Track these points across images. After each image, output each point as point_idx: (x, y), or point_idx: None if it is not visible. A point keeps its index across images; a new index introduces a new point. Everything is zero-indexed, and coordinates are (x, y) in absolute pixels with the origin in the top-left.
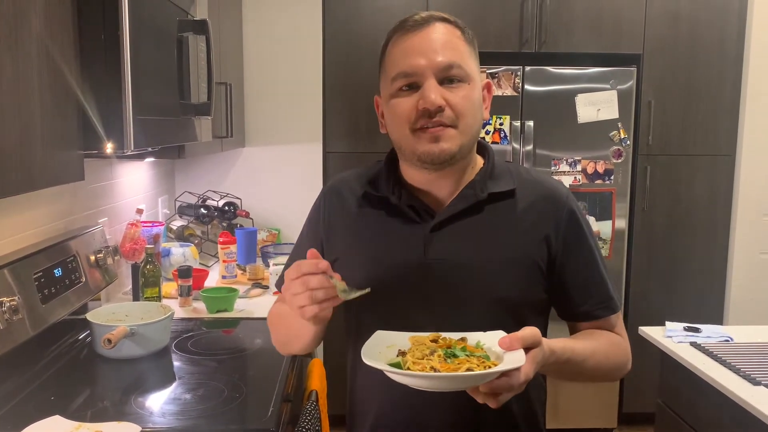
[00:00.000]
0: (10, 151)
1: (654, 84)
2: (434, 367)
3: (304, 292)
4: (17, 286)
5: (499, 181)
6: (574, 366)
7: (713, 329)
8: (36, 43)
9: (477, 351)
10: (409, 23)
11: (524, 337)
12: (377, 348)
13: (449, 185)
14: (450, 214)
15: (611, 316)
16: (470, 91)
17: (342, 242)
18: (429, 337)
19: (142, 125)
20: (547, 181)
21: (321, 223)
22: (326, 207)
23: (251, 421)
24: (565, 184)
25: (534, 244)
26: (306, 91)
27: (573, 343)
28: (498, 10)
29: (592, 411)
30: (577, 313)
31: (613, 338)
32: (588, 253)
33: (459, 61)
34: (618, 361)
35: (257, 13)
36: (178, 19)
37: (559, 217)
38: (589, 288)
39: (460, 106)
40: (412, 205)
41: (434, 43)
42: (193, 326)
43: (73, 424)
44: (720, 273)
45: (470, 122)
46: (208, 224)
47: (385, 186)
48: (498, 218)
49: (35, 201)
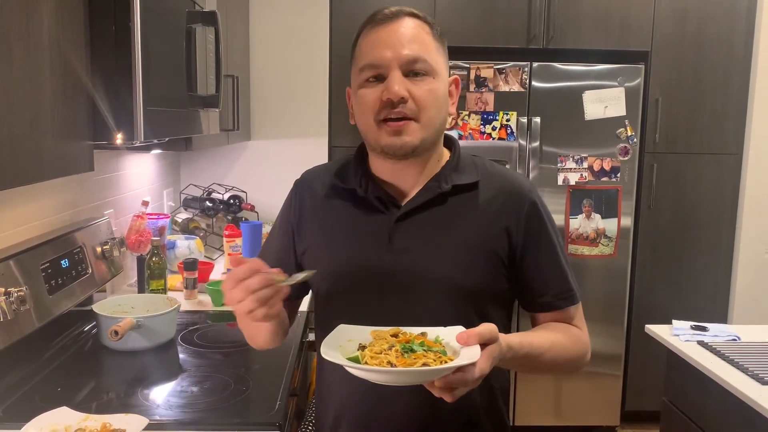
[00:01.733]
0: (20, 141)
1: (661, 81)
2: (391, 362)
3: (248, 296)
4: (24, 276)
5: (463, 174)
6: (532, 360)
7: (720, 328)
8: (47, 34)
9: (435, 346)
10: (379, 16)
11: (481, 333)
12: (338, 342)
13: (413, 176)
14: (415, 206)
15: (570, 307)
16: (435, 85)
17: (310, 233)
18: (389, 332)
19: (152, 117)
20: (511, 175)
21: (292, 214)
22: (297, 199)
23: (258, 415)
24: (571, 182)
25: (495, 235)
26: (312, 84)
27: (531, 337)
28: (506, 5)
29: (595, 409)
30: (537, 303)
31: (572, 331)
32: (548, 245)
33: (424, 55)
34: (576, 353)
35: (265, 5)
36: (187, 10)
37: (520, 209)
38: (549, 279)
39: (423, 99)
40: (378, 196)
41: (401, 36)
42: (198, 319)
43: (80, 416)
44: (725, 271)
45: (432, 115)
46: (213, 217)
47: (352, 178)
48: (461, 210)
49: (42, 192)
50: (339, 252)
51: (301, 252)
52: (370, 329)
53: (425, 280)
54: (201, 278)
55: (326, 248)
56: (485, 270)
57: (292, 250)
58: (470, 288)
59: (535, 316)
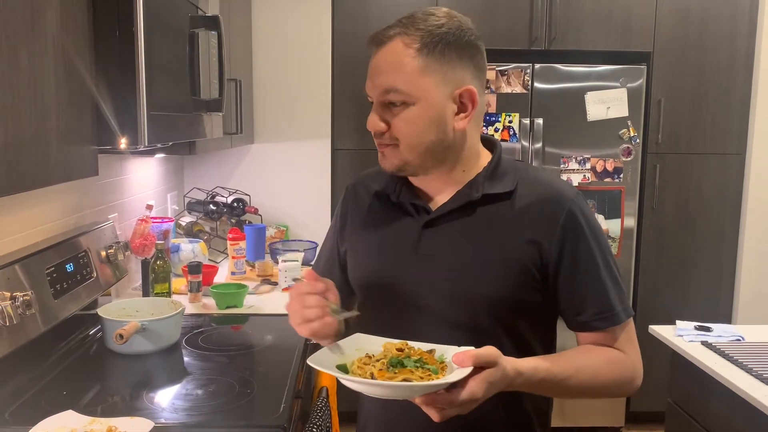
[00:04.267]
0: (25, 146)
1: (664, 82)
2: (373, 374)
3: (300, 310)
4: (29, 281)
5: (498, 182)
6: (552, 386)
7: (724, 328)
8: (51, 39)
9: (432, 364)
10: (370, 40)
11: (477, 355)
12: (348, 349)
13: (439, 185)
14: (443, 212)
15: (614, 328)
16: (415, 113)
17: (351, 235)
18: (396, 345)
19: (155, 121)
20: (553, 183)
21: (340, 216)
22: (345, 202)
23: (263, 418)
24: (574, 183)
25: (524, 246)
26: (315, 87)
27: (550, 361)
28: (507, 7)
29: (600, 409)
30: (575, 322)
31: (611, 355)
32: (587, 259)
33: (398, 84)
34: (614, 378)
35: (267, 9)
36: (190, 15)
37: (555, 219)
38: (586, 296)
39: (397, 129)
40: (410, 202)
41: (380, 65)
42: (202, 322)
43: (86, 419)
44: (729, 272)
45: (412, 142)
46: (217, 220)
47: (390, 183)
48: (490, 219)
49: (47, 196)
50: (371, 253)
51: (344, 252)
52: (384, 341)
53: (447, 287)
54: (205, 281)
55: (362, 249)
56: (511, 281)
57: (336, 250)
58: (495, 300)
59: (577, 335)
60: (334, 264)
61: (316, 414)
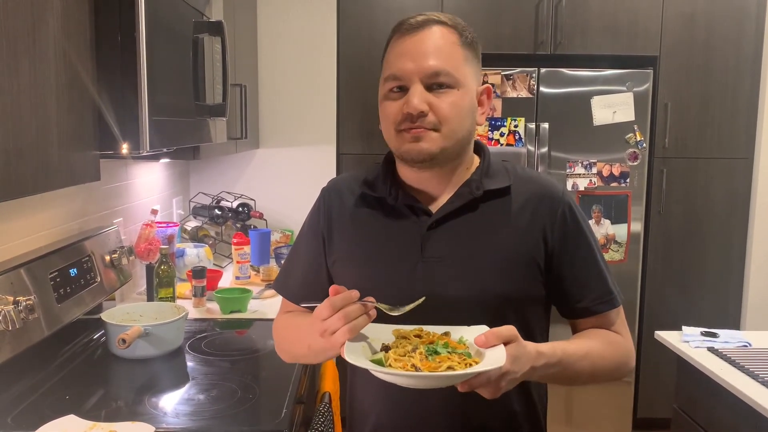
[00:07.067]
0: (27, 151)
1: (670, 86)
2: (415, 365)
3: (344, 325)
4: (33, 285)
5: (494, 179)
6: (567, 368)
7: (731, 334)
8: (53, 44)
9: (459, 347)
10: (405, 26)
11: (499, 332)
12: (361, 342)
13: (442, 184)
14: (446, 213)
15: (611, 312)
16: (459, 97)
17: (341, 242)
18: (413, 332)
19: (158, 126)
20: (543, 179)
21: (321, 222)
22: (326, 206)
23: (265, 423)
24: (580, 187)
25: (531, 240)
26: (320, 92)
27: (564, 344)
28: (513, 11)
29: (607, 416)
30: (576, 309)
31: (611, 337)
32: (586, 248)
33: (448, 67)
34: (615, 360)
35: (272, 14)
36: (194, 20)
37: (554, 213)
38: (587, 283)
39: (444, 111)
40: (409, 205)
41: (426, 47)
42: (206, 327)
43: (87, 424)
44: (737, 277)
45: (454, 128)
46: (222, 225)
47: (382, 186)
48: (494, 216)
49: (51, 201)
50: (370, 261)
51: (332, 262)
52: (392, 327)
53: (461, 288)
54: (209, 286)
55: (358, 257)
56: (523, 276)
57: (323, 257)
58: (508, 295)
59: (575, 323)
60: (317, 280)
61: (318, 419)
